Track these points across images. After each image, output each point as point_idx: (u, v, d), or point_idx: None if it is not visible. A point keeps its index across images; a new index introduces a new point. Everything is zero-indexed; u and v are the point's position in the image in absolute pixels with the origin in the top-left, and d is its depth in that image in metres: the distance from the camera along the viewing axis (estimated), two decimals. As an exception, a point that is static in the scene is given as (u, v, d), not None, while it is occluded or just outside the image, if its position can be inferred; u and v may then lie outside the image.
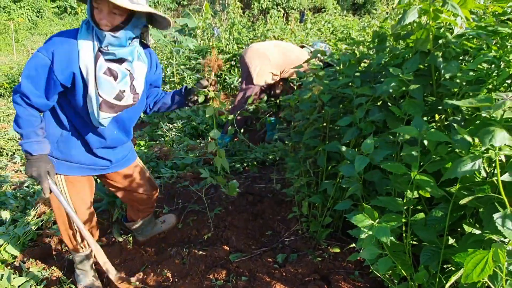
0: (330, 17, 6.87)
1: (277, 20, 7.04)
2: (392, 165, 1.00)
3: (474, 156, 0.83)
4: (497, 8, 1.62)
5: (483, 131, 0.80)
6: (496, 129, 0.79)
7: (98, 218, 2.59)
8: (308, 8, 17.40)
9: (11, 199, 2.87)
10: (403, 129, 0.96)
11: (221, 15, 8.18)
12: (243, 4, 14.51)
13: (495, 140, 0.79)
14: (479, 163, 0.83)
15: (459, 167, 0.84)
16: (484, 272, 0.64)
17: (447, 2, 1.06)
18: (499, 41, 1.39)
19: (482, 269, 0.64)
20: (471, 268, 0.66)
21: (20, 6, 18.41)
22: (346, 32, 5.38)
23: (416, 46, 1.22)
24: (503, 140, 0.79)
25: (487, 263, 0.64)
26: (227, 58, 5.69)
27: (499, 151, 0.80)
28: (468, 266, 0.66)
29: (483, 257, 0.65)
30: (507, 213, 0.78)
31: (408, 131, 0.95)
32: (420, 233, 1.06)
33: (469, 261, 0.67)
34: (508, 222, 0.77)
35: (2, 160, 4.06)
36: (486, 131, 0.80)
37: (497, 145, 0.79)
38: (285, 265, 1.94)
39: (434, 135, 0.92)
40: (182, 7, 19.80)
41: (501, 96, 0.80)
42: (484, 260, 0.65)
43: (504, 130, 0.80)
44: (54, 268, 2.10)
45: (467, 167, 0.84)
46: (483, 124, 0.83)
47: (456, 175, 0.85)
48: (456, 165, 0.85)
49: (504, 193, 0.81)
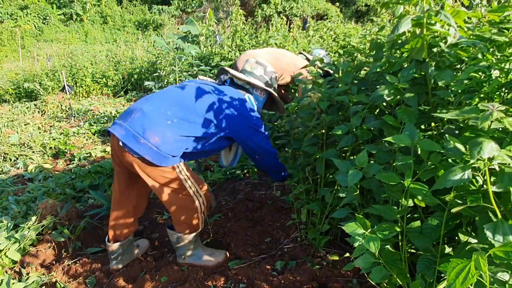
0: (332, 25, 6.91)
1: (279, 27, 7.09)
2: (385, 175, 1.00)
3: (464, 166, 0.83)
4: (494, 17, 1.63)
5: (472, 143, 0.81)
6: (484, 140, 0.80)
7: (97, 223, 2.61)
8: (311, 15, 17.51)
9: (13, 204, 2.89)
10: (397, 137, 0.96)
11: (224, 23, 8.25)
12: (247, 12, 14.64)
13: (483, 152, 0.79)
14: (468, 173, 0.83)
15: (449, 176, 0.84)
16: (467, 281, 0.64)
17: (440, 12, 1.07)
18: (495, 50, 1.40)
19: (465, 278, 0.64)
20: (453, 278, 0.66)
21: (27, 13, 18.68)
22: (348, 40, 5.40)
23: (411, 55, 1.23)
24: (491, 152, 0.79)
25: (469, 271, 0.64)
26: (229, 65, 5.73)
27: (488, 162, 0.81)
28: (451, 276, 0.66)
29: (465, 265, 0.65)
30: (497, 224, 0.79)
31: (401, 140, 0.96)
32: (416, 242, 1.06)
33: (451, 270, 0.67)
34: (498, 232, 0.77)
35: (5, 165, 4.09)
36: (475, 143, 0.80)
37: (486, 156, 0.79)
38: (283, 272, 1.93)
39: (426, 144, 0.92)
40: (186, 14, 19.98)
41: (487, 107, 0.80)
42: (466, 268, 0.65)
43: (492, 141, 0.80)
44: (54, 273, 2.11)
45: (457, 176, 0.84)
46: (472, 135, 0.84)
47: (446, 185, 0.85)
48: (447, 175, 0.85)
49: (496, 202, 0.82)
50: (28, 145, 4.60)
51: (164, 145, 1.71)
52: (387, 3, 1.36)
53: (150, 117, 1.74)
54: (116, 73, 7.85)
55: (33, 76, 7.75)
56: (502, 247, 0.68)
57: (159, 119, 1.73)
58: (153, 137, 1.69)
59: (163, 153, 1.71)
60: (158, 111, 1.76)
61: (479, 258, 0.63)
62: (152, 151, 1.69)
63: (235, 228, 2.39)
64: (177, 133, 1.75)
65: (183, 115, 1.78)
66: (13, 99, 7.58)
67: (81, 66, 7.70)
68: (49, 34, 18.09)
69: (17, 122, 5.68)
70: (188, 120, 1.79)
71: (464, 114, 0.82)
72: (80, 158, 4.20)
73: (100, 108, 6.58)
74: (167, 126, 1.73)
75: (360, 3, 20.49)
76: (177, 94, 1.88)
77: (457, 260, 0.67)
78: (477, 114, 0.80)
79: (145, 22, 19.95)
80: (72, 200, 3.04)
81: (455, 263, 0.67)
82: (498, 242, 0.75)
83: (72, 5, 20.14)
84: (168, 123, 1.74)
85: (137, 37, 15.03)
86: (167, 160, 1.74)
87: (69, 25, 19.30)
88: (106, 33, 19.26)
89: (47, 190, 3.18)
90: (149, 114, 1.75)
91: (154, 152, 1.70)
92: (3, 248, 2.21)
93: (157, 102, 1.82)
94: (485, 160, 0.81)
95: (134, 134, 1.70)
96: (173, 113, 1.77)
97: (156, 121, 1.73)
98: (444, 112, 0.90)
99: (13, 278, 2.03)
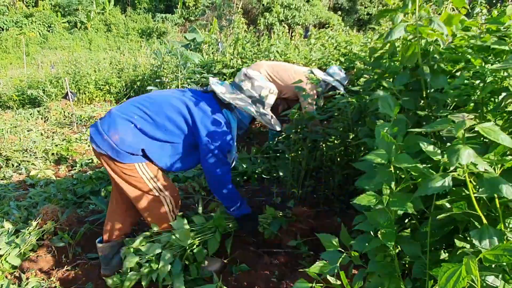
0: (334, 33, 6.94)
1: (281, 36, 7.14)
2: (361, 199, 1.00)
3: (444, 174, 0.85)
4: (492, 26, 1.65)
5: (450, 150, 0.82)
6: (461, 147, 0.81)
7: (97, 229, 2.62)
8: (313, 24, 17.64)
9: (15, 209, 2.91)
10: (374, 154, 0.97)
11: (227, 31, 8.32)
12: (249, 20, 14.76)
13: (461, 158, 0.81)
14: (448, 180, 0.85)
15: (430, 184, 0.86)
16: (458, 284, 0.64)
17: (433, 21, 1.08)
18: (493, 58, 1.41)
19: (456, 282, 0.64)
20: (444, 282, 0.66)
21: (32, 21, 18.92)
22: (349, 48, 5.43)
23: (402, 62, 1.25)
24: (468, 158, 0.81)
25: (460, 275, 0.65)
26: (231, 72, 5.77)
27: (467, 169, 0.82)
28: (442, 280, 0.66)
29: (456, 269, 0.66)
30: (483, 230, 0.79)
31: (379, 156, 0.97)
32: (405, 248, 1.06)
33: (442, 275, 0.67)
34: (484, 238, 0.78)
35: (8, 171, 4.12)
36: (452, 150, 0.82)
37: (464, 163, 0.81)
38: (283, 278, 1.93)
39: (402, 159, 0.93)
40: (190, 22, 20.18)
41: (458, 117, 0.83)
42: (457, 273, 0.65)
43: (469, 148, 0.82)
44: (53, 278, 2.11)
45: (438, 184, 0.86)
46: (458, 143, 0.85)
47: (427, 192, 0.86)
48: (427, 183, 0.86)
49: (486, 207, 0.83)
50: (31, 151, 4.63)
51: (123, 143, 1.83)
52: (385, 12, 1.38)
53: (115, 117, 1.87)
54: (119, 80, 7.91)
55: (37, 83, 7.81)
56: (491, 251, 0.69)
57: (124, 121, 1.86)
58: (115, 135, 1.83)
59: (122, 151, 1.83)
60: (126, 113, 1.89)
61: (469, 262, 0.64)
62: (113, 148, 1.83)
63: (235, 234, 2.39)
64: (137, 135, 1.86)
65: (148, 118, 1.89)
66: (16, 105, 7.64)
67: (84, 73, 7.76)
68: (53, 42, 18.28)
69: (20, 128, 5.72)
70: (153, 123, 1.88)
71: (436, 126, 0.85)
72: (82, 164, 4.22)
73: (103, 114, 6.62)
74: (130, 129, 1.85)
75: (362, 12, 20.65)
76: (151, 98, 1.98)
77: (448, 265, 0.68)
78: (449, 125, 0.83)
79: (148, 30, 20.15)
80: (73, 205, 3.05)
81: (446, 267, 0.67)
82: (485, 248, 0.76)
83: (77, 13, 20.39)
84: (131, 126, 1.86)
85: (141, 44, 15.16)
86: (125, 157, 1.84)
87: (74, 32, 19.51)
88: (109, 41, 19.44)
89: (48, 196, 3.20)
90: (116, 114, 1.89)
91: (115, 150, 1.83)
92: (4, 253, 2.22)
93: (128, 105, 1.95)
94: (464, 167, 0.83)
95: (100, 131, 1.86)
96: (141, 116, 1.88)
97: (120, 122, 1.85)
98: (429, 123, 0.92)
99: (13, 283, 2.04)
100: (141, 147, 1.86)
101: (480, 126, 0.84)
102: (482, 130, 0.84)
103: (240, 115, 2.05)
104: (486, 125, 0.85)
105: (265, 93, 2.03)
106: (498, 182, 0.82)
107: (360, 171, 1.25)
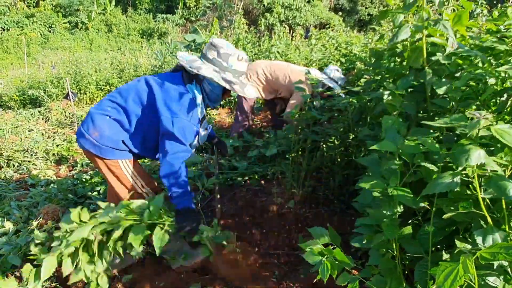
0: (335, 33, 6.95)
1: (282, 36, 7.15)
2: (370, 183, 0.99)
3: (454, 173, 0.84)
4: (492, 26, 1.65)
5: (459, 150, 0.81)
6: (472, 147, 0.80)
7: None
8: (314, 24, 17.65)
9: (15, 209, 2.91)
10: (381, 144, 0.97)
11: (228, 31, 8.33)
12: (250, 21, 14.77)
13: (470, 159, 0.80)
14: (457, 179, 0.84)
15: (439, 181, 0.85)
16: (455, 283, 0.64)
17: (439, 22, 1.08)
18: (492, 58, 1.41)
19: (453, 281, 0.65)
20: (442, 280, 0.66)
21: (33, 22, 18.95)
22: (350, 49, 5.44)
23: (408, 63, 1.25)
24: (478, 159, 0.80)
25: (457, 274, 0.65)
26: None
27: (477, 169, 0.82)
28: (440, 278, 0.66)
29: (453, 268, 0.66)
30: (487, 230, 0.79)
31: (385, 146, 0.96)
32: (407, 247, 1.06)
33: (440, 273, 0.68)
34: (488, 239, 0.78)
35: (9, 171, 4.12)
36: (462, 150, 0.81)
37: (473, 164, 0.79)
38: (283, 279, 1.93)
39: (408, 147, 0.93)
40: (190, 23, 20.20)
41: (474, 115, 0.81)
42: (455, 271, 0.65)
43: (479, 149, 0.81)
44: (53, 278, 2.11)
45: (447, 182, 0.85)
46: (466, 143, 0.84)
47: (435, 190, 0.85)
48: (436, 181, 0.86)
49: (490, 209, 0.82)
50: (32, 151, 4.63)
51: (103, 138, 1.90)
52: (386, 12, 1.38)
53: (93, 115, 1.94)
54: (120, 80, 7.91)
55: (38, 83, 7.82)
56: (488, 249, 0.69)
57: (100, 116, 1.92)
58: (94, 132, 1.91)
59: (104, 146, 1.91)
60: (101, 109, 1.95)
61: (466, 261, 0.64)
62: (95, 145, 1.91)
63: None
64: (114, 127, 1.92)
65: (118, 107, 1.94)
66: (17, 105, 7.65)
67: (85, 74, 7.77)
68: (54, 42, 18.31)
69: (21, 128, 5.72)
70: (125, 111, 1.93)
71: (453, 122, 0.83)
72: (83, 164, 4.22)
73: (103, 115, 6.61)
74: (106, 122, 1.91)
75: (362, 13, 20.65)
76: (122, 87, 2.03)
77: (446, 263, 0.68)
78: (466, 122, 0.81)
79: (149, 31, 20.18)
80: (74, 205, 3.06)
81: (444, 266, 0.68)
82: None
83: (78, 14, 20.42)
84: (107, 119, 1.92)
85: (141, 45, 15.17)
86: (107, 152, 1.92)
87: (75, 33, 19.55)
88: (110, 41, 19.47)
89: (49, 196, 3.20)
90: (93, 112, 1.95)
91: (97, 146, 1.91)
92: (5, 253, 2.22)
93: (103, 100, 2.01)
94: (473, 167, 0.82)
95: (82, 132, 1.95)
96: (113, 108, 1.94)
97: (96, 118, 1.92)
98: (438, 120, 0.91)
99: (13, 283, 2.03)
100: (121, 139, 1.93)
101: (494, 127, 0.82)
102: (495, 131, 0.83)
103: (210, 85, 1.96)
104: (501, 127, 0.84)
105: (232, 60, 1.92)
106: (507, 183, 0.82)
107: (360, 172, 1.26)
